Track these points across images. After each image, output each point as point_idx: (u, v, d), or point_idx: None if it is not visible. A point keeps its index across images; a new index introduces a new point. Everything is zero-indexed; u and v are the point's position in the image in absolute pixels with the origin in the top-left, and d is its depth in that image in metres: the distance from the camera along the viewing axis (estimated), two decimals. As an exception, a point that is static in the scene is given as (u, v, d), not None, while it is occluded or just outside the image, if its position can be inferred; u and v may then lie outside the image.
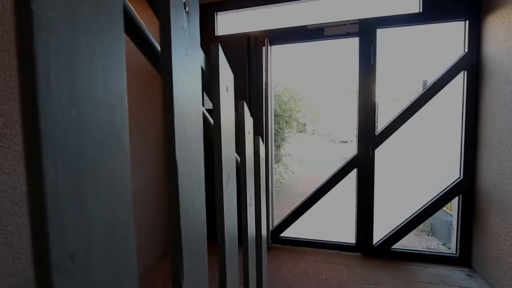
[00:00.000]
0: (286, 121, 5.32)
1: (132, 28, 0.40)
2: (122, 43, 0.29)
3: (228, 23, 2.48)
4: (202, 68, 0.55)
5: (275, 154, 5.45)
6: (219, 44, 0.59)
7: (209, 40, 2.41)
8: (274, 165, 5.68)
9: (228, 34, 2.41)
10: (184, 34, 0.43)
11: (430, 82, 2.11)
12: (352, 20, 2.15)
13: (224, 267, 0.60)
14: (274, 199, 2.60)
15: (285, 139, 5.68)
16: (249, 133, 0.85)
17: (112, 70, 0.27)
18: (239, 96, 2.35)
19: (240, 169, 0.80)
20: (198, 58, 0.48)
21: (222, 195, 0.59)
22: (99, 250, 0.25)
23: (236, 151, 0.86)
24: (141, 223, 2.04)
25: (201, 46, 0.58)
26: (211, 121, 0.66)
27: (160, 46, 0.39)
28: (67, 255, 0.22)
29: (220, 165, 0.59)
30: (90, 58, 0.25)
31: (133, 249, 0.30)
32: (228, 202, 0.63)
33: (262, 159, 1.15)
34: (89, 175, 0.24)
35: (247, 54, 2.35)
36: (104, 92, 0.26)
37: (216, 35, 2.44)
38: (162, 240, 2.31)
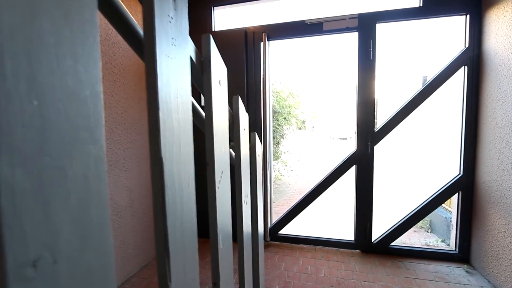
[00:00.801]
0: (285, 118, 5.28)
1: (110, 10, 0.37)
2: (96, 27, 0.26)
3: (226, 18, 2.44)
4: (192, 60, 0.52)
5: (274, 151, 5.43)
6: (211, 35, 0.56)
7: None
8: (273, 162, 5.66)
9: (226, 29, 2.38)
10: (170, 22, 0.40)
11: (430, 78, 2.08)
12: (351, 14, 2.11)
13: (218, 267, 0.58)
14: (272, 196, 2.58)
15: (284, 136, 5.65)
16: (244, 129, 0.82)
17: (83, 57, 0.25)
18: (237, 92, 2.32)
19: (235, 166, 0.78)
20: (187, 49, 0.46)
21: (215, 193, 0.57)
22: (69, 255, 0.23)
23: (231, 148, 0.83)
24: (138, 221, 2.02)
25: (196, 41, 0.55)
26: (204, 115, 0.64)
27: (143, 34, 0.37)
28: (28, 262, 0.20)
29: (213, 162, 0.56)
30: (56, 43, 0.22)
31: (111, 252, 0.28)
32: (221, 200, 0.61)
33: (259, 155, 1.12)
34: (55, 173, 0.22)
35: (245, 49, 2.32)
36: (74, 82, 0.24)
37: (213, 30, 2.41)
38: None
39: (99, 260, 0.26)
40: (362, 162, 2.20)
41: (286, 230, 2.48)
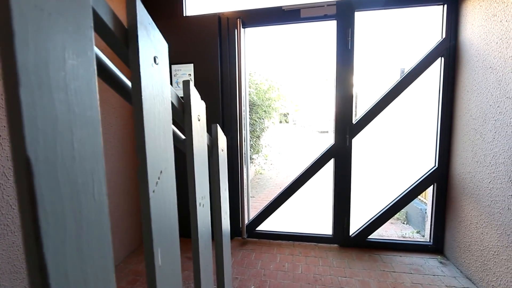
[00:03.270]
0: (265, 111, 5.16)
1: None
2: None
3: (198, 1, 2.27)
4: (108, 26, 0.39)
5: (254, 145, 5.32)
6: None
7: (176, 20, 2.19)
8: (254, 156, 5.56)
9: (198, 14, 2.21)
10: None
11: (407, 70, 2.05)
12: (330, 1, 2.02)
13: (155, 289, 0.47)
14: (249, 191, 2.49)
15: (264, 129, 5.54)
16: (199, 120, 0.70)
17: None
18: (210, 83, 2.18)
19: (187, 163, 0.66)
20: (88, 3, 0.33)
21: (149, 199, 0.45)
22: None
23: (184, 142, 0.72)
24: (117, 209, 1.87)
25: (167, 26, 0.43)
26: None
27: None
28: None
29: (145, 160, 0.45)
30: None
31: None
32: (160, 206, 0.49)
33: (223, 150, 1.01)
34: None
35: (219, 36, 2.17)
36: None
37: (185, 15, 2.23)
38: (132, 237, 2.15)
39: None
40: (340, 155, 2.15)
41: (264, 226, 2.40)
